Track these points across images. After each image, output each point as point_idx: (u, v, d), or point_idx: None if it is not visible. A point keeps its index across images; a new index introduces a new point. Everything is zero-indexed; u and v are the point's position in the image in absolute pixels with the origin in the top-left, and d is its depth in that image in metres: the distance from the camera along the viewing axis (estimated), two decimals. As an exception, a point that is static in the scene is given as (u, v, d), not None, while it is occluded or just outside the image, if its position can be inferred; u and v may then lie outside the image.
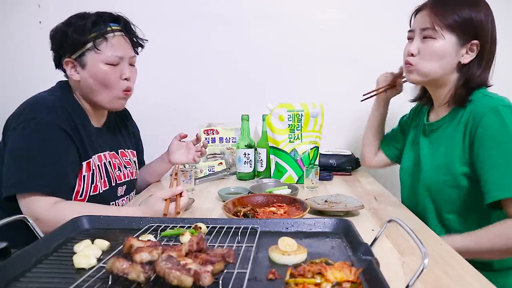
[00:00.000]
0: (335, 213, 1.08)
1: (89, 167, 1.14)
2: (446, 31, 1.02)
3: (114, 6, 1.20)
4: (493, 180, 0.94)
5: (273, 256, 0.66)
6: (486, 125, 0.96)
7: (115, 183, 1.24)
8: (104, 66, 1.11)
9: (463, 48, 1.03)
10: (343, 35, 1.81)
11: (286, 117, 1.48)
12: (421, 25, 1.06)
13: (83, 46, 1.10)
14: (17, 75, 1.87)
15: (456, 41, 1.03)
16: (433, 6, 1.05)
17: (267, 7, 1.81)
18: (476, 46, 1.02)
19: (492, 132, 0.95)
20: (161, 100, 1.88)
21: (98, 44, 1.10)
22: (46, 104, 1.09)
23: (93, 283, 0.57)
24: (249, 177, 1.58)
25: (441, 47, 1.03)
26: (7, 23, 1.84)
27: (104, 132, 1.26)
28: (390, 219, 0.68)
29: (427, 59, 1.06)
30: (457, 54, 1.04)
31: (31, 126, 1.04)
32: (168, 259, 0.56)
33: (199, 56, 1.86)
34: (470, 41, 1.02)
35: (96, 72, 1.11)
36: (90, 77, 1.12)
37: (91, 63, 1.11)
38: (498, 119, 0.95)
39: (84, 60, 1.11)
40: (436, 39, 1.03)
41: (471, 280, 0.72)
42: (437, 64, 1.05)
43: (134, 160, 1.39)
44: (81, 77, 1.13)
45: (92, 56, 1.10)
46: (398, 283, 0.63)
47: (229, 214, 0.99)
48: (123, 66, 1.15)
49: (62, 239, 0.75)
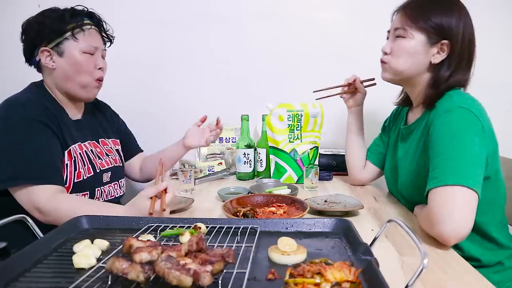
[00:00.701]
0: (335, 213, 1.08)
1: (70, 156, 1.17)
2: (415, 30, 1.05)
3: (114, 6, 1.20)
4: (429, 173, 0.94)
5: (273, 256, 0.66)
6: (436, 124, 0.97)
7: (99, 170, 1.26)
8: (81, 55, 1.17)
9: (433, 47, 1.04)
10: (343, 35, 1.81)
11: (286, 117, 1.48)
12: (394, 25, 1.11)
13: (61, 35, 1.15)
14: (17, 75, 1.86)
15: (425, 40, 1.04)
16: (405, 8, 1.09)
17: (267, 7, 1.81)
18: (447, 46, 1.03)
19: (437, 130, 0.96)
20: (161, 100, 1.88)
21: (76, 33, 1.16)
22: (21, 102, 1.12)
23: (92, 283, 0.57)
24: (248, 177, 1.58)
25: (410, 46, 1.06)
26: (7, 23, 1.84)
27: (82, 123, 1.29)
28: (390, 219, 0.69)
29: (398, 56, 1.09)
30: (428, 53, 1.05)
31: (10, 124, 1.08)
32: (167, 259, 0.56)
33: (199, 56, 1.86)
34: (440, 41, 1.03)
35: (73, 60, 1.17)
36: (68, 64, 1.17)
37: (69, 51, 1.16)
38: (446, 118, 0.95)
39: (61, 49, 1.16)
40: (406, 38, 1.06)
41: (470, 280, 0.72)
42: (407, 62, 1.07)
43: (116, 148, 1.41)
44: (57, 65, 1.17)
45: (70, 44, 1.16)
46: (398, 283, 0.63)
47: (229, 214, 0.99)
48: (97, 56, 1.22)
49: (61, 239, 0.75)
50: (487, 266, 1.01)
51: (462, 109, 0.95)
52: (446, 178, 0.88)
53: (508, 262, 1.03)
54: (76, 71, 1.17)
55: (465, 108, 0.95)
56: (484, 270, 0.81)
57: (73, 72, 1.17)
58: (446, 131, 0.94)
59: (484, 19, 1.45)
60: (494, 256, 1.03)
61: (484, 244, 1.03)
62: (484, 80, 1.14)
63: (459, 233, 0.83)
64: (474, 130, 0.92)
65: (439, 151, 0.93)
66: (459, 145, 0.91)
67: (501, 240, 1.04)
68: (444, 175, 0.89)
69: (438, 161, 0.92)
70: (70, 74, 1.18)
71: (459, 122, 0.94)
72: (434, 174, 0.91)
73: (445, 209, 0.85)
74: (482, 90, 1.14)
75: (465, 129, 0.93)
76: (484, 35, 1.33)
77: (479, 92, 1.08)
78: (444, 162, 0.91)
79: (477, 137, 0.92)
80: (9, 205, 1.04)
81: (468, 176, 0.87)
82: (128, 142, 1.51)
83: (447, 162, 0.90)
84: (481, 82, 1.16)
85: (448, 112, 0.96)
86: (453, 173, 0.88)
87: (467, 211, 0.85)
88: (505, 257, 1.04)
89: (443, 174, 0.89)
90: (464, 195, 0.86)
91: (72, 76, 1.18)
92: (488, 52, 1.65)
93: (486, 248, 1.03)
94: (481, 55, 1.08)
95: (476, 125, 0.93)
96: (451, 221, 0.83)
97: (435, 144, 0.95)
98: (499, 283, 0.99)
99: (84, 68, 1.18)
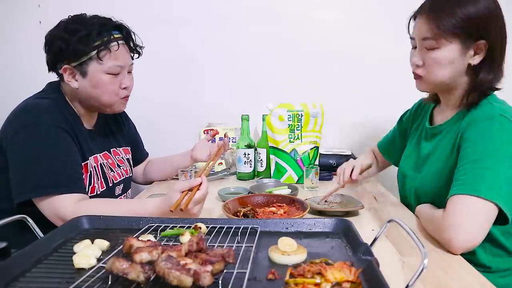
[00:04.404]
0: (335, 213, 1.08)
1: (86, 169, 1.15)
2: (447, 37, 0.95)
3: (114, 6, 1.20)
4: (456, 177, 0.91)
5: (273, 256, 0.66)
6: (474, 129, 0.93)
7: (112, 184, 1.25)
8: (105, 76, 1.11)
9: (470, 50, 0.96)
10: (343, 35, 1.81)
11: (286, 117, 1.48)
12: (420, 34, 0.99)
13: (85, 56, 1.08)
14: (16, 75, 1.87)
15: (460, 46, 0.95)
16: (430, 11, 0.97)
17: (267, 7, 1.81)
18: (484, 46, 0.95)
19: (475, 135, 0.92)
20: (161, 100, 1.88)
21: (101, 54, 1.09)
22: (43, 107, 1.08)
23: (92, 283, 0.57)
24: (249, 177, 1.58)
25: (446, 56, 0.96)
26: (7, 23, 1.84)
27: (95, 133, 1.26)
28: (390, 219, 0.68)
29: (435, 68, 0.99)
30: (465, 57, 0.97)
31: (35, 130, 1.04)
32: (168, 259, 0.56)
33: (199, 56, 1.86)
34: (476, 42, 0.95)
35: (97, 82, 1.11)
36: (90, 86, 1.11)
37: (93, 73, 1.10)
38: (486, 125, 0.92)
39: (84, 69, 1.10)
40: (440, 48, 0.96)
41: (471, 280, 0.72)
42: (446, 72, 0.99)
43: (127, 157, 1.39)
44: (80, 85, 1.12)
45: (94, 66, 1.10)
46: (398, 283, 0.63)
47: (229, 214, 0.98)
48: (123, 75, 1.16)
49: (62, 239, 0.75)
50: (495, 272, 1.00)
51: (504, 118, 0.91)
52: (477, 188, 0.84)
53: None
54: (99, 93, 1.12)
55: (507, 118, 0.91)
56: (491, 275, 0.80)
57: (96, 93, 1.13)
58: (485, 139, 0.90)
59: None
60: (504, 264, 1.02)
61: (494, 251, 1.01)
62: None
63: (469, 245, 0.82)
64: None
65: (474, 158, 0.89)
66: (497, 157, 0.87)
67: (511, 248, 1.02)
68: (476, 184, 0.85)
69: (471, 168, 0.88)
70: (93, 95, 1.13)
71: (501, 132, 0.90)
72: (464, 180, 0.87)
73: (465, 219, 0.83)
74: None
75: (506, 141, 0.89)
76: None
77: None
78: (479, 172, 0.87)
79: None
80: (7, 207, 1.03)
81: (498, 192, 0.84)
82: (137, 148, 1.49)
83: (482, 172, 0.86)
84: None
85: (490, 120, 0.92)
86: (486, 185, 0.84)
87: (486, 226, 0.84)
88: None
89: (476, 183, 0.85)
90: (489, 209, 0.83)
91: (96, 97, 1.13)
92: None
93: (496, 255, 1.01)
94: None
95: None
96: (466, 232, 0.82)
97: (470, 150, 0.91)
98: (505, 286, 0.99)
99: (108, 90, 1.13)
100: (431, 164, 1.07)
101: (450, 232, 0.83)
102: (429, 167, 1.08)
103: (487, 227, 0.84)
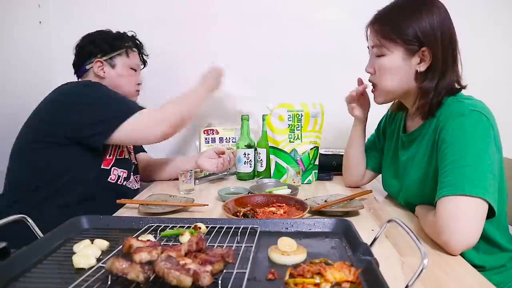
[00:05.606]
0: (335, 213, 1.08)
1: None
2: (387, 46, 1.01)
3: (114, 6, 1.20)
4: (440, 179, 0.90)
5: (273, 256, 0.66)
6: (448, 128, 0.93)
7: (131, 161, 1.43)
8: (129, 70, 1.42)
9: (414, 57, 0.99)
10: (343, 35, 1.80)
11: (286, 117, 1.48)
12: (369, 42, 1.08)
13: (118, 50, 1.38)
14: (16, 75, 1.86)
15: (403, 53, 0.99)
16: (374, 23, 1.05)
17: (267, 7, 1.81)
18: (428, 53, 0.97)
19: (450, 134, 0.92)
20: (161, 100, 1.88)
21: (129, 51, 1.41)
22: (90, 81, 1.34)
23: (92, 283, 0.57)
24: (249, 177, 1.58)
25: (392, 62, 1.02)
26: (7, 23, 1.84)
27: None
28: (390, 219, 0.68)
29: (383, 75, 1.05)
30: (411, 64, 1.00)
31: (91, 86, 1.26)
32: (167, 259, 0.56)
33: (198, 56, 1.85)
34: (419, 49, 0.98)
35: (122, 73, 1.40)
36: (116, 75, 1.39)
37: (121, 65, 1.40)
38: (459, 121, 0.91)
39: (114, 62, 1.38)
40: (385, 55, 1.03)
41: (470, 280, 0.72)
42: (394, 79, 1.03)
43: None
44: (108, 75, 1.37)
45: (123, 59, 1.40)
46: (398, 283, 0.63)
47: (229, 214, 0.98)
48: (139, 74, 1.47)
49: (61, 239, 0.75)
50: (490, 269, 1.00)
51: (475, 112, 0.91)
52: (462, 187, 0.84)
53: (510, 263, 1.02)
54: (122, 83, 1.40)
55: (478, 112, 0.91)
56: (486, 273, 0.80)
57: (120, 82, 1.39)
58: (460, 136, 0.90)
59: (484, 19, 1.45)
60: (498, 260, 1.02)
61: (487, 249, 1.01)
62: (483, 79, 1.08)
63: (467, 244, 0.82)
64: (489, 136, 0.89)
65: (453, 158, 0.89)
66: (475, 153, 0.87)
67: (504, 244, 1.02)
68: (459, 184, 0.85)
69: (452, 168, 0.88)
70: (117, 84, 1.38)
71: (474, 127, 0.89)
72: (447, 182, 0.87)
73: (456, 219, 0.82)
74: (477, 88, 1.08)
75: (480, 135, 0.89)
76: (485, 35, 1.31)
77: (477, 90, 1.04)
78: (460, 170, 0.86)
79: (492, 144, 0.88)
80: None
81: (484, 187, 0.84)
82: None
83: (463, 170, 0.86)
84: (479, 81, 1.11)
85: (462, 117, 0.91)
86: (469, 182, 0.84)
87: (479, 223, 0.83)
88: (508, 259, 1.03)
89: (459, 183, 0.85)
90: (478, 206, 0.83)
91: (118, 85, 1.38)
92: (488, 51, 1.65)
93: (489, 253, 1.01)
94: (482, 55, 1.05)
95: (490, 129, 0.89)
96: (461, 231, 0.81)
97: (448, 149, 0.91)
98: (500, 283, 0.99)
99: (130, 80, 1.43)
100: (414, 172, 1.07)
101: (445, 234, 0.83)
102: (412, 175, 1.08)
103: (480, 223, 0.84)
